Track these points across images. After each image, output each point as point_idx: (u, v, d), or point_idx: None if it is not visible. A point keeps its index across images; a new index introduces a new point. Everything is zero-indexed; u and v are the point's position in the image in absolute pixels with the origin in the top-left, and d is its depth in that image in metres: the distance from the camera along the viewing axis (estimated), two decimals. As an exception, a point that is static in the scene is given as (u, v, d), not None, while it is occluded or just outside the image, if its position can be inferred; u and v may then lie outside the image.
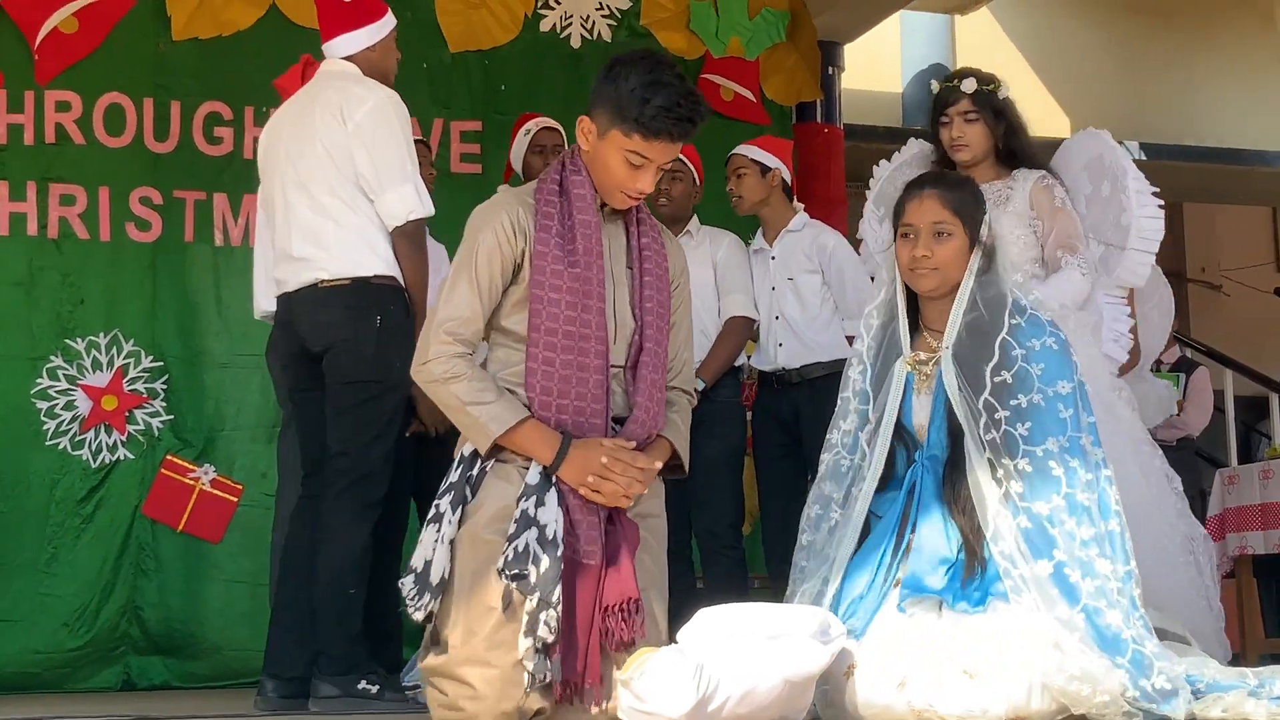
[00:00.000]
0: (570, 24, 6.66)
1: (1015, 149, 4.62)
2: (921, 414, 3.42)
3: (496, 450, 3.16)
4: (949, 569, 3.23)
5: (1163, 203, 4.59)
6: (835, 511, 3.49)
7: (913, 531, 3.32)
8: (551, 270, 3.18)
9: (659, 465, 3.27)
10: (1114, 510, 3.24)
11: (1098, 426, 3.37)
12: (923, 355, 3.45)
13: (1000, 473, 3.24)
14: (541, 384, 3.16)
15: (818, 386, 5.06)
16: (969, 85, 4.60)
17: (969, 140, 4.55)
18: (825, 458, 3.59)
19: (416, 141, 5.28)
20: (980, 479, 3.25)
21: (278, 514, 4.88)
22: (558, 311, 3.17)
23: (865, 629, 3.23)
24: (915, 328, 3.52)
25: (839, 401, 3.62)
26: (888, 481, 3.44)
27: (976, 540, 3.23)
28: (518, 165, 5.55)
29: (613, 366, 3.23)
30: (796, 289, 5.27)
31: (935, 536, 3.29)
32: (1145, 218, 4.58)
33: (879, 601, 3.25)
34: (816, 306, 5.27)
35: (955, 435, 3.34)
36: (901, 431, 3.45)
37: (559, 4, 6.78)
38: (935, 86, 4.72)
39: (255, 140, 5.96)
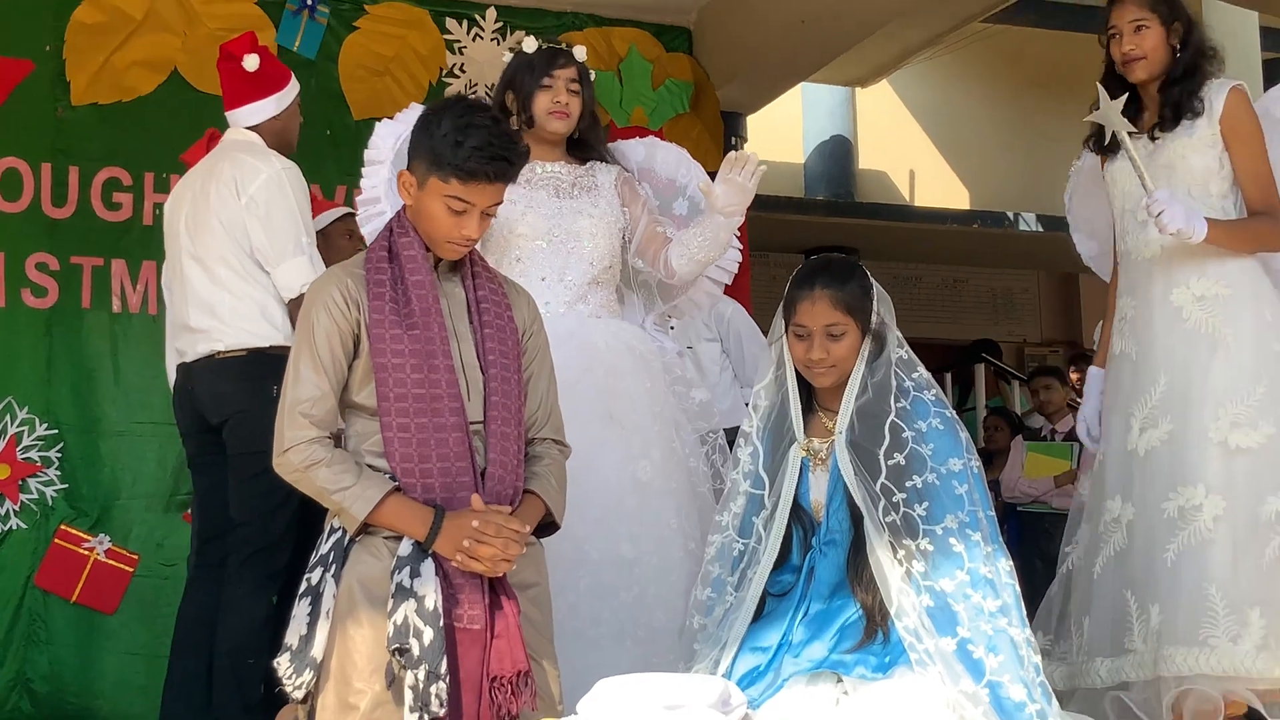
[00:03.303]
0: (475, 92, 6.67)
1: (593, 139, 4.34)
2: (818, 491, 3.40)
3: (365, 527, 3.11)
4: (835, 637, 3.23)
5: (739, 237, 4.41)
6: (730, 595, 3.46)
7: (807, 614, 3.31)
8: (390, 336, 3.14)
9: (533, 523, 3.23)
10: (1007, 581, 3.26)
11: None
12: (815, 443, 3.43)
13: (901, 553, 3.22)
14: (401, 451, 3.10)
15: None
16: (580, 53, 4.28)
17: (571, 111, 4.21)
18: (714, 539, 3.52)
19: (347, 214, 5.30)
20: (882, 559, 3.23)
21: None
22: (404, 376, 3.12)
23: (762, 701, 3.21)
24: (809, 406, 3.49)
25: (729, 482, 3.56)
26: (783, 562, 3.42)
27: (881, 617, 3.23)
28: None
29: (473, 424, 3.18)
30: (695, 357, 5.27)
31: (827, 618, 3.28)
32: (729, 247, 4.35)
33: (778, 678, 3.24)
34: (716, 374, 5.28)
35: (855, 517, 3.33)
36: (798, 510, 3.43)
37: (464, 72, 6.81)
38: (532, 44, 4.26)
39: (155, 206, 5.95)
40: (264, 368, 4.33)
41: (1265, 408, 3.91)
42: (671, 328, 4.47)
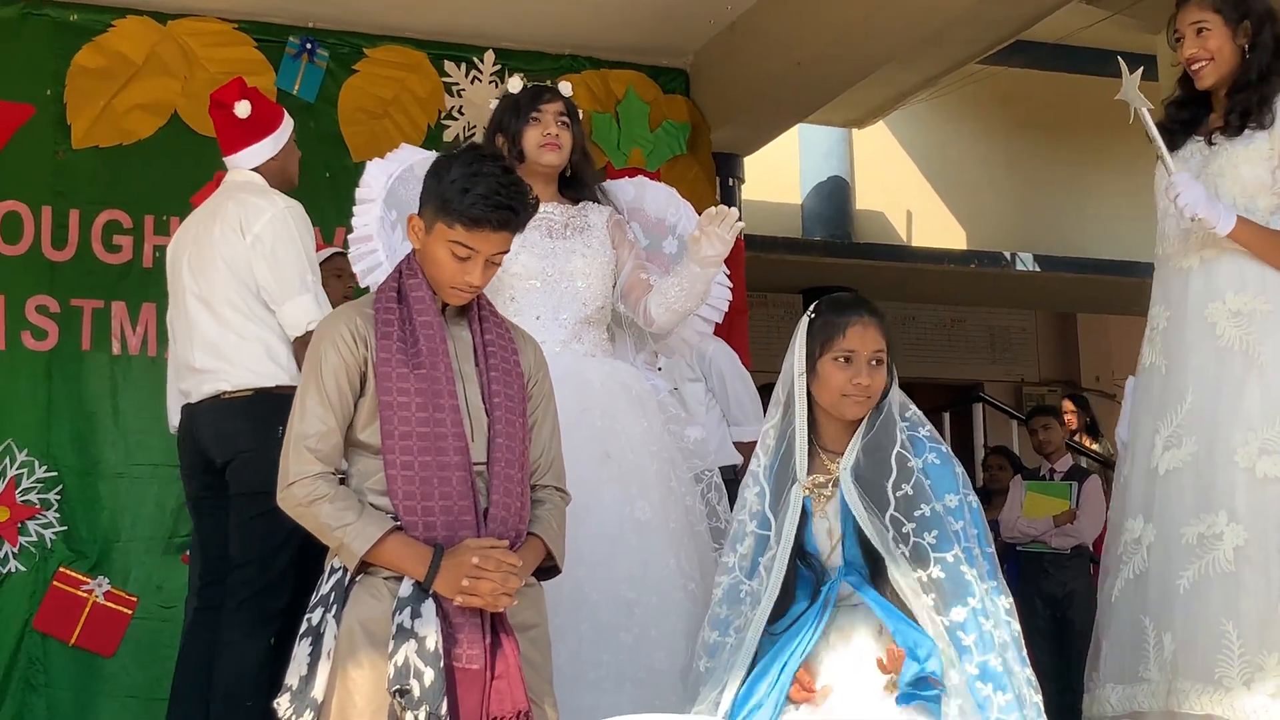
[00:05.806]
0: (474, 134, 6.69)
1: (585, 176, 4.33)
2: (823, 538, 3.38)
3: (365, 566, 3.11)
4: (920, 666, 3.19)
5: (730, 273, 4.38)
6: (730, 638, 3.44)
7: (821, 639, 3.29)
8: (397, 375, 3.16)
9: (534, 563, 3.23)
10: (1005, 619, 3.25)
11: None
12: (820, 478, 3.42)
13: (920, 584, 3.22)
14: (404, 489, 3.11)
15: None
16: (566, 88, 4.30)
17: (562, 143, 4.20)
18: (721, 580, 3.51)
19: (336, 253, 5.32)
20: (905, 589, 3.21)
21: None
22: (409, 415, 3.14)
23: None
24: (810, 449, 3.46)
25: (735, 524, 3.55)
26: (786, 606, 3.38)
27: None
28: None
29: (476, 464, 3.18)
30: (681, 397, 5.26)
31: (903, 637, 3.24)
32: (717, 284, 4.33)
33: (776, 709, 3.21)
34: (701, 414, 5.28)
35: (870, 553, 3.31)
36: (804, 552, 3.40)
37: (462, 115, 6.84)
38: (518, 85, 4.28)
39: (155, 249, 5.97)
40: (270, 408, 4.31)
41: None
42: (659, 368, 4.47)
